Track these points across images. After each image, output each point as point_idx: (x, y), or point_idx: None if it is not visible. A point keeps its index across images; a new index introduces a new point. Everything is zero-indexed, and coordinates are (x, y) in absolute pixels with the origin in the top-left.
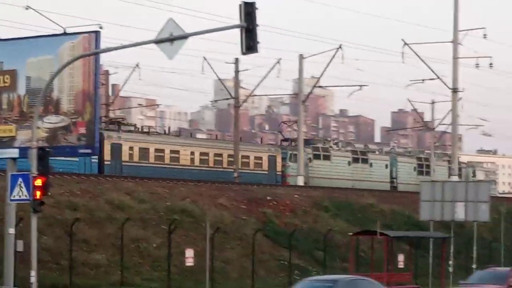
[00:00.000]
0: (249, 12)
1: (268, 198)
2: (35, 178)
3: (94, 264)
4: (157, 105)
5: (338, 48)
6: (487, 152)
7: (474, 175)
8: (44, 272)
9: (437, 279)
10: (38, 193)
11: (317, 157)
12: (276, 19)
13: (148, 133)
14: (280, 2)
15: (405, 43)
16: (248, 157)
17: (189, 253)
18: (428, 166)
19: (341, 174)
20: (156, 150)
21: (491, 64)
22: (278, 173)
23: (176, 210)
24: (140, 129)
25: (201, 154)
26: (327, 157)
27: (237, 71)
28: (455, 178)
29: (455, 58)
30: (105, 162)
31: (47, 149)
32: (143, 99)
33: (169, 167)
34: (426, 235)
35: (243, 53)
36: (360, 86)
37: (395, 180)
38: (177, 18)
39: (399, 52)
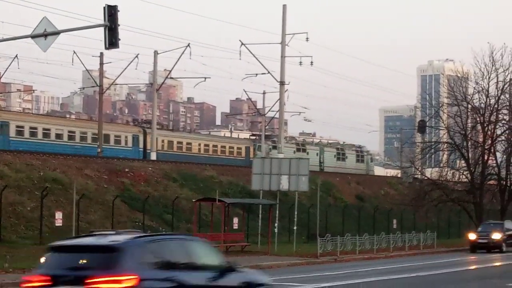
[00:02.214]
0: (111, 14)
1: (126, 170)
2: None
3: None
4: (33, 90)
5: (187, 46)
6: (308, 134)
7: (372, 160)
8: None
9: (265, 238)
10: None
11: (274, 147)
12: (135, 19)
13: (172, 130)
14: (139, 5)
15: (242, 43)
16: (233, 147)
17: (59, 215)
18: (343, 154)
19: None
20: (178, 142)
21: (311, 62)
22: (251, 158)
23: (48, 179)
24: (166, 127)
25: (205, 145)
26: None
27: (101, 63)
28: (281, 155)
29: (283, 56)
30: (147, 151)
31: None
32: (21, 85)
33: (184, 154)
34: (256, 202)
35: (107, 48)
36: (204, 78)
37: (322, 164)
38: (50, 17)
39: (237, 51)
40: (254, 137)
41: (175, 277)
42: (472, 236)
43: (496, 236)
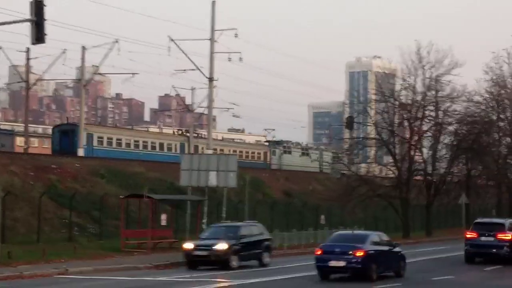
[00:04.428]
0: (38, 8)
1: (53, 166)
2: None
3: None
4: None
5: (115, 42)
6: (237, 130)
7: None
8: None
9: (194, 234)
10: None
11: (285, 152)
12: (62, 14)
13: (206, 138)
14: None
15: (171, 39)
16: (254, 152)
17: None
18: (338, 157)
19: (296, 163)
20: (212, 148)
21: (241, 58)
22: (267, 162)
23: None
24: (203, 136)
25: (233, 151)
26: (289, 152)
27: (28, 59)
28: (209, 151)
29: (212, 53)
30: None
31: None
32: None
33: None
34: (184, 198)
35: (33, 43)
36: (133, 74)
37: (321, 166)
38: None
39: (166, 47)
40: (267, 143)
41: None
42: (188, 245)
43: (221, 246)
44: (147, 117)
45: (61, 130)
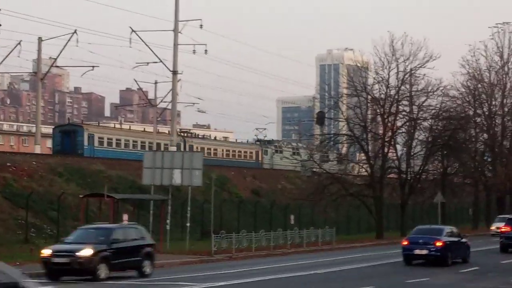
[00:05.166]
0: None
1: (8, 164)
2: None
3: None
4: None
5: (73, 33)
6: (202, 126)
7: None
8: None
9: (157, 235)
10: None
11: (276, 152)
12: (18, 4)
13: (203, 138)
14: None
15: (133, 30)
16: (246, 152)
17: None
18: (328, 156)
19: (287, 161)
20: (207, 148)
21: (206, 50)
22: (259, 161)
23: None
24: (197, 135)
25: (226, 150)
26: (280, 152)
27: None
28: (173, 148)
29: (176, 44)
30: None
31: None
32: None
33: (212, 158)
34: (147, 197)
35: None
36: (92, 66)
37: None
38: None
39: (127, 38)
40: (258, 142)
41: None
42: (46, 251)
43: (85, 252)
44: (107, 112)
45: (62, 130)
